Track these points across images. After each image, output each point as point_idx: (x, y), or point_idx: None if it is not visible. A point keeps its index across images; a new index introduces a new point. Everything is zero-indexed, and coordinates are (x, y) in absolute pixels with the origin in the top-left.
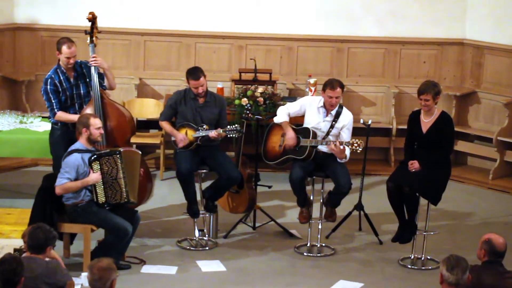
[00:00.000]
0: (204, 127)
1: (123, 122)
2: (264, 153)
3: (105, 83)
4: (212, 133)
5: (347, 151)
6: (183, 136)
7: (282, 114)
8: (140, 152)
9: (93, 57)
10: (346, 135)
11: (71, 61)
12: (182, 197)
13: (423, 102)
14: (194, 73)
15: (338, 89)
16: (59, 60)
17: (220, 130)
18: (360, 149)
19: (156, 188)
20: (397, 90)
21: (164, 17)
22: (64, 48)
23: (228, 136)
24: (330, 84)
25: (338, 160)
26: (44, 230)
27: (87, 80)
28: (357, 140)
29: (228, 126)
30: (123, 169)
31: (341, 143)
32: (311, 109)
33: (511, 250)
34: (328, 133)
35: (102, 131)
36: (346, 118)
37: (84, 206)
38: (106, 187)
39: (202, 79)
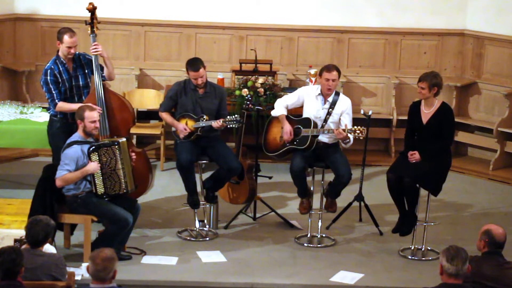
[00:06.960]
0: (204, 117)
1: (126, 111)
2: (264, 145)
3: (105, 73)
4: (215, 123)
5: (350, 136)
6: (184, 126)
7: (279, 107)
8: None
9: (94, 45)
10: (347, 120)
11: (72, 51)
12: (182, 187)
13: (419, 90)
14: (194, 64)
15: (335, 72)
16: (58, 51)
17: (221, 121)
18: (362, 136)
19: (156, 179)
20: (397, 80)
21: (165, 8)
22: (66, 37)
23: (228, 126)
24: (327, 67)
25: (343, 145)
26: (42, 225)
27: (86, 71)
28: (359, 127)
29: (228, 117)
30: (121, 160)
31: (344, 130)
32: (309, 98)
33: (511, 240)
34: (326, 120)
35: (98, 125)
36: (344, 104)
37: (84, 197)
38: (105, 178)
39: (201, 70)
